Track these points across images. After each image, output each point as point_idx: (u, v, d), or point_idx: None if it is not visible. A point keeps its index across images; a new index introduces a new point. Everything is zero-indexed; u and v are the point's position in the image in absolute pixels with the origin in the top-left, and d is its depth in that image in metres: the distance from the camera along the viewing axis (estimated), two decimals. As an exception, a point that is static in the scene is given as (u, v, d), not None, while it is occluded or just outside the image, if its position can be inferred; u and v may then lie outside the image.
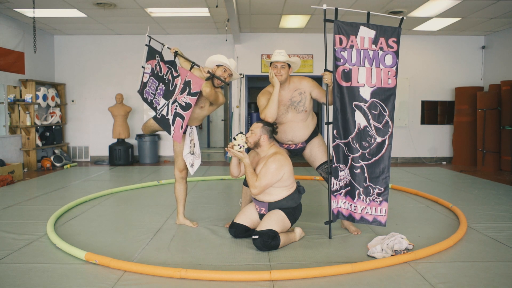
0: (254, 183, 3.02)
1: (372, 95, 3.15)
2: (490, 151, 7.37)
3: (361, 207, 3.25)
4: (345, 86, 3.17)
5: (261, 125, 3.16)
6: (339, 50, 3.15)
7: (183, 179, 3.64)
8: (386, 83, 3.15)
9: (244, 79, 8.36)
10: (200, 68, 3.27)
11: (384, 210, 3.19)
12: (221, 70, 3.31)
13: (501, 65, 7.84)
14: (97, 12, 6.54)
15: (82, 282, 2.44)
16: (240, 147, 3.05)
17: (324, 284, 2.43)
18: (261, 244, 2.92)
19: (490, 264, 2.74)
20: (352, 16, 6.56)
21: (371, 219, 3.23)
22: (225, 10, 5.97)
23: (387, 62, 3.14)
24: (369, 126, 3.17)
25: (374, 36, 3.13)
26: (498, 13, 6.54)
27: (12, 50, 6.85)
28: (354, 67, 3.15)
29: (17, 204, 4.48)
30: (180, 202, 3.65)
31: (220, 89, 3.46)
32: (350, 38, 3.14)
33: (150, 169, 7.33)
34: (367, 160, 3.19)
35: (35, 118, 7.30)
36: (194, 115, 3.43)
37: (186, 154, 3.50)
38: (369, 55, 3.14)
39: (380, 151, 3.17)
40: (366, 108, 3.16)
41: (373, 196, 3.20)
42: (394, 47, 3.13)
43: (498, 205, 4.40)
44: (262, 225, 3.02)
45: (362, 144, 3.18)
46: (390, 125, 3.15)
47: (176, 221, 3.70)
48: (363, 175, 3.20)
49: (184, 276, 2.47)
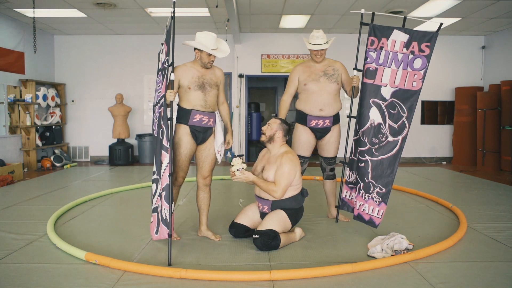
0: (273, 188, 3.02)
1: (393, 95, 3.22)
2: (490, 151, 7.37)
3: (359, 203, 3.28)
4: (367, 83, 3.29)
5: (279, 121, 3.19)
6: (369, 50, 3.30)
7: (207, 187, 3.29)
8: (410, 85, 3.18)
9: (244, 79, 8.36)
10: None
11: (381, 212, 3.18)
12: (205, 55, 3.08)
13: (501, 65, 7.83)
14: (97, 12, 6.54)
15: (82, 282, 2.44)
16: (239, 170, 3.04)
17: (324, 284, 2.43)
18: (261, 243, 2.92)
19: (490, 264, 2.74)
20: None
21: (367, 218, 3.25)
22: (225, 10, 5.97)
23: (415, 65, 3.17)
24: (383, 124, 3.22)
25: (407, 40, 3.19)
26: (498, 13, 6.54)
27: (12, 50, 6.85)
28: (380, 67, 3.26)
29: (17, 204, 4.48)
30: (203, 212, 3.31)
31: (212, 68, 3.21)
32: (382, 40, 3.27)
33: (150, 169, 7.33)
34: (374, 156, 3.22)
35: (35, 118, 7.30)
36: (211, 98, 3.17)
37: (220, 143, 3.23)
38: (397, 58, 3.21)
39: (389, 150, 3.19)
40: (384, 106, 3.23)
41: (373, 195, 3.20)
42: (426, 51, 3.14)
43: (498, 205, 4.40)
44: (263, 224, 3.02)
45: (372, 140, 3.24)
46: (406, 126, 3.16)
47: (198, 232, 3.37)
48: (366, 170, 3.23)
49: (184, 276, 2.47)
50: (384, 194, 3.17)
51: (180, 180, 3.24)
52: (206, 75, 3.16)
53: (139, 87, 8.45)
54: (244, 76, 8.35)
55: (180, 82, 3.10)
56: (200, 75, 3.13)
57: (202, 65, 3.14)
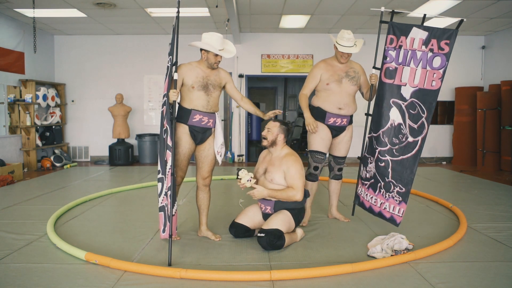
0: (293, 192, 3.03)
1: (412, 95, 3.20)
2: (490, 151, 7.37)
3: (380, 202, 3.33)
4: (387, 83, 3.30)
5: (278, 124, 3.19)
6: (388, 49, 3.30)
7: (206, 187, 3.29)
8: (429, 84, 3.15)
9: (244, 79, 8.36)
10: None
11: (402, 211, 3.21)
12: (212, 55, 3.09)
13: (501, 65, 7.83)
14: (97, 12, 6.54)
15: (82, 282, 2.44)
16: (250, 181, 3.03)
17: (324, 284, 2.43)
18: (267, 242, 2.91)
19: (490, 264, 2.74)
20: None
21: (388, 216, 3.30)
22: (225, 10, 5.97)
23: (434, 64, 3.14)
24: (403, 124, 3.23)
25: (426, 37, 3.16)
26: (498, 13, 6.54)
27: (12, 50, 6.85)
28: (400, 66, 3.25)
29: (17, 204, 4.48)
30: (203, 212, 3.31)
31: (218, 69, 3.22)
32: (400, 38, 3.25)
33: (150, 169, 7.33)
34: (394, 157, 3.25)
35: (35, 118, 7.30)
36: (213, 100, 3.17)
37: (220, 144, 3.23)
38: (416, 56, 3.19)
39: (409, 151, 3.20)
40: (404, 106, 3.23)
41: (393, 194, 3.25)
42: (446, 49, 3.11)
43: (498, 205, 4.40)
44: (269, 223, 3.00)
45: (392, 140, 3.26)
46: (425, 127, 3.15)
47: (198, 232, 3.37)
48: (387, 170, 3.28)
49: (184, 276, 2.47)
50: (404, 194, 3.19)
51: (178, 180, 3.20)
52: (210, 76, 3.15)
53: (139, 87, 8.45)
54: (244, 76, 8.35)
55: (184, 81, 3.09)
56: (205, 76, 3.12)
57: (209, 65, 3.13)
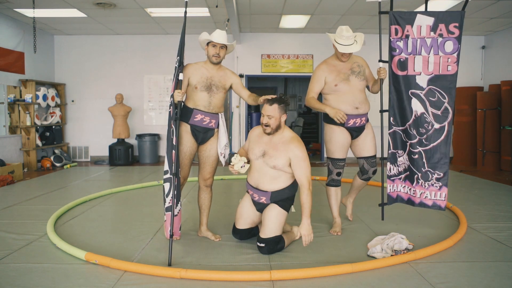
0: (307, 192, 2.84)
1: (429, 83, 3.20)
2: (490, 151, 7.36)
3: (420, 192, 3.35)
4: (401, 75, 3.27)
5: (276, 106, 2.87)
6: (395, 41, 3.25)
7: (208, 187, 3.27)
8: (445, 70, 3.17)
9: (244, 79, 8.36)
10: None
11: (444, 194, 3.28)
12: (211, 47, 3.07)
13: (501, 65, 7.83)
14: (97, 12, 6.54)
15: (82, 282, 2.45)
16: (243, 166, 2.90)
17: (324, 284, 2.43)
18: (268, 251, 2.91)
19: (490, 264, 2.74)
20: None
21: (430, 203, 3.33)
22: (225, 10, 5.97)
23: (447, 48, 3.14)
24: (426, 113, 3.25)
25: (433, 23, 3.13)
26: (498, 13, 6.54)
27: (12, 50, 6.85)
28: (410, 56, 3.23)
29: (17, 204, 4.48)
30: (204, 212, 3.30)
31: (221, 67, 3.19)
32: (406, 27, 3.21)
33: (150, 169, 7.33)
34: (425, 146, 3.28)
35: (35, 118, 7.30)
36: (216, 101, 3.15)
37: (224, 145, 3.15)
38: (426, 43, 3.17)
39: (438, 137, 3.24)
40: (423, 95, 3.24)
41: (432, 181, 3.29)
42: (456, 32, 3.10)
43: (498, 205, 4.40)
44: (265, 231, 2.92)
45: (419, 131, 3.28)
46: (449, 111, 3.20)
47: (198, 233, 3.37)
48: (422, 161, 3.30)
49: (184, 276, 2.47)
50: (443, 179, 3.27)
51: (181, 180, 3.15)
52: (215, 76, 3.13)
53: (139, 87, 8.45)
54: (244, 76, 8.35)
55: (189, 81, 3.11)
56: (209, 76, 3.11)
57: (210, 60, 3.11)
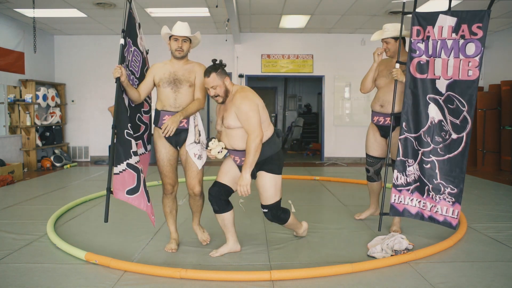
0: (251, 139, 2.60)
1: (448, 88, 3.00)
2: (490, 151, 7.36)
3: (431, 205, 3.11)
4: (419, 78, 3.07)
5: (214, 74, 2.64)
6: (416, 42, 3.07)
7: (196, 196, 2.99)
8: (465, 75, 2.95)
9: (244, 79, 8.36)
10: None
11: (456, 212, 3.04)
12: (173, 41, 2.85)
13: (501, 65, 7.83)
14: (97, 12, 6.54)
15: (82, 282, 2.45)
16: (221, 152, 2.75)
17: (324, 284, 2.43)
18: (272, 216, 2.86)
19: (490, 264, 2.74)
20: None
21: (441, 219, 3.09)
22: (225, 10, 5.97)
23: (468, 51, 2.92)
24: (444, 120, 3.03)
25: (455, 23, 2.94)
26: (498, 13, 6.54)
27: (12, 50, 6.85)
28: (431, 58, 3.04)
29: (17, 204, 4.48)
30: (195, 214, 3.13)
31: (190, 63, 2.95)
32: (427, 28, 3.02)
33: (150, 169, 7.32)
34: (440, 156, 3.04)
35: (35, 118, 7.30)
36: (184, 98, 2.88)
37: (190, 143, 2.86)
38: (446, 45, 2.98)
39: (455, 148, 3.00)
40: (442, 101, 3.03)
41: (444, 195, 3.05)
42: (479, 33, 2.88)
43: (498, 205, 4.40)
44: (263, 199, 2.81)
45: (435, 139, 3.05)
46: (468, 121, 2.96)
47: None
48: (434, 172, 3.06)
49: (184, 276, 2.47)
50: (457, 194, 3.02)
51: (168, 188, 2.99)
52: (179, 70, 2.87)
53: (139, 87, 8.44)
54: (244, 76, 8.35)
55: (154, 79, 2.90)
56: (172, 71, 2.86)
57: (173, 55, 2.88)
